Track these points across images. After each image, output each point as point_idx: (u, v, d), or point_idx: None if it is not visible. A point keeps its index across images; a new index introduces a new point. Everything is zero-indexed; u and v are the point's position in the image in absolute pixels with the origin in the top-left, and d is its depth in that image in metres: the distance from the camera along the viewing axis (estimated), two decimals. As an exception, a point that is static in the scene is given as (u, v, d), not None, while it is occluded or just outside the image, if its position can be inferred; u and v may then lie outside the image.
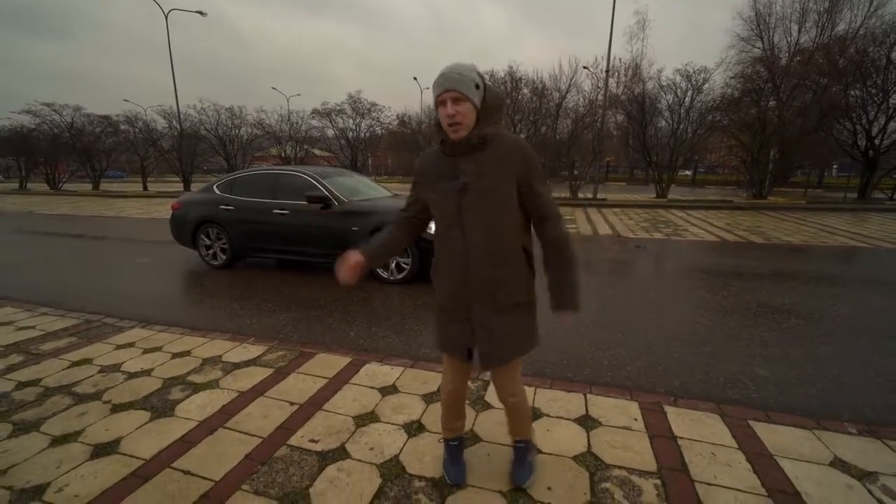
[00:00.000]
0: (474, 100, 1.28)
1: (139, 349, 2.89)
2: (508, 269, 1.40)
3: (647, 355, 2.81)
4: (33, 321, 3.42)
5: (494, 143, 1.32)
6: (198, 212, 5.22)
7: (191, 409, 2.16)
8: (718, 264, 5.57)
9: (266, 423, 2.03)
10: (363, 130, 17.03)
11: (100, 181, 20.64)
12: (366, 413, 2.13)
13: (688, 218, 10.38)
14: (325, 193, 4.69)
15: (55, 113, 18.94)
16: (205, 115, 17.45)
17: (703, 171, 35.46)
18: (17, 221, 10.37)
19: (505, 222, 1.37)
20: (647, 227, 8.96)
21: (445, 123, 1.29)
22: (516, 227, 1.39)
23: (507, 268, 1.40)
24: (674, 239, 7.54)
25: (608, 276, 5.04)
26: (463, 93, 1.25)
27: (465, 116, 1.28)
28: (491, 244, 1.37)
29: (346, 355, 2.77)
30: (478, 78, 1.29)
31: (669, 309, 3.78)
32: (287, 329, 3.31)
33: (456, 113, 1.26)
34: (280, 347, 2.91)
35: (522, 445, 1.70)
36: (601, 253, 6.43)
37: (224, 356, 2.78)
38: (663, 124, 14.86)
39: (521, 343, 1.48)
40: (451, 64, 1.29)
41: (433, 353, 2.85)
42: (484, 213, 1.35)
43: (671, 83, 13.79)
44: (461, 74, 1.26)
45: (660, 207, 12.76)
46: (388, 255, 1.69)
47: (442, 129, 1.33)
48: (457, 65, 1.29)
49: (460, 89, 1.25)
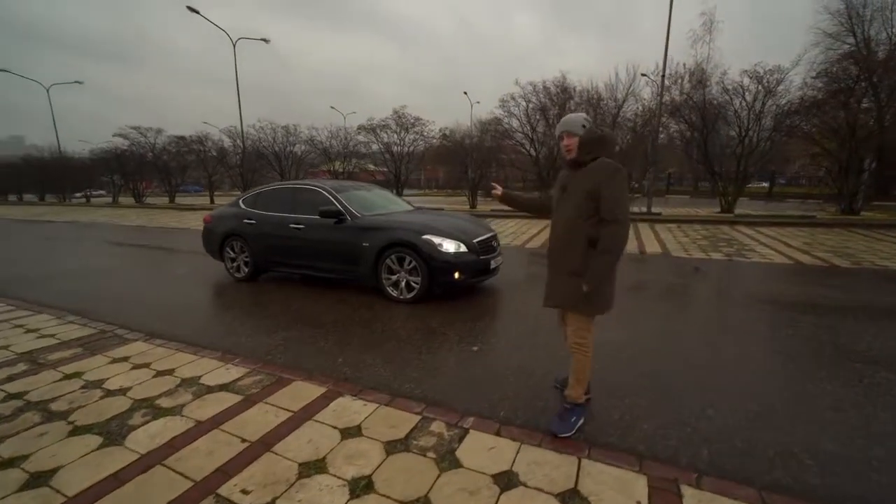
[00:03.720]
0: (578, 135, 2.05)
1: (130, 364, 2.89)
2: (568, 245, 2.06)
3: (674, 409, 2.28)
4: (57, 329, 3.60)
5: (592, 165, 1.99)
6: (224, 225, 5.38)
7: (141, 438, 2.03)
8: (788, 293, 4.69)
9: (206, 463, 1.84)
10: (407, 145, 17.30)
11: (175, 195, 22.90)
12: (315, 460, 1.87)
13: (756, 236, 9.14)
14: (339, 208, 4.61)
15: (141, 135, 21.41)
16: (263, 134, 18.76)
17: (782, 183, 31.82)
18: (95, 231, 11.62)
19: (575, 216, 2.02)
20: (704, 245, 7.98)
21: (564, 151, 2.12)
22: (583, 221, 2.00)
23: (567, 245, 2.06)
24: (735, 260, 6.59)
25: (643, 303, 4.40)
26: (573, 131, 2.06)
27: (571, 147, 2.07)
28: (561, 228, 2.11)
29: (323, 385, 2.55)
30: (584, 122, 2.07)
31: (713, 348, 3.15)
32: (278, 350, 3.18)
33: (570, 144, 2.07)
34: (261, 371, 2.76)
35: (567, 406, 2.15)
36: (642, 275, 5.73)
37: (203, 377, 2.68)
38: (731, 133, 13.45)
39: (568, 297, 2.07)
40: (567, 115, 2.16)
41: (417, 388, 2.56)
42: (565, 209, 2.09)
43: (738, 86, 12.44)
44: (572, 121, 2.08)
45: (723, 223, 11.43)
46: (517, 203, 2.60)
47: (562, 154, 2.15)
48: (569, 115, 2.14)
49: (571, 129, 2.06)
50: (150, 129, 21.62)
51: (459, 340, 3.33)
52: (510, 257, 5.88)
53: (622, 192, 1.94)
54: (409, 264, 4.23)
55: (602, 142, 2.01)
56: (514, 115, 16.20)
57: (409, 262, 4.23)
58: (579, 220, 2.01)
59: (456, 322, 3.74)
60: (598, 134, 2.04)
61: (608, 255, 1.95)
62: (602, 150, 2.00)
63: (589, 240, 2.00)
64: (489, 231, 4.80)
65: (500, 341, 3.34)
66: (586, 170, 2.01)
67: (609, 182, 1.93)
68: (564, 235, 2.08)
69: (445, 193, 30.48)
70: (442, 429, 2.10)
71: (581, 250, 2.02)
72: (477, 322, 3.75)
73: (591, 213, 1.98)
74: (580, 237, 2.01)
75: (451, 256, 4.14)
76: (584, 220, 2.00)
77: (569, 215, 2.06)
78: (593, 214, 1.98)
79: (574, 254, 2.03)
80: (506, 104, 16.20)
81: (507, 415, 2.25)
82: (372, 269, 4.39)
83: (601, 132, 2.06)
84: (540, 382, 2.61)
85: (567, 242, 2.07)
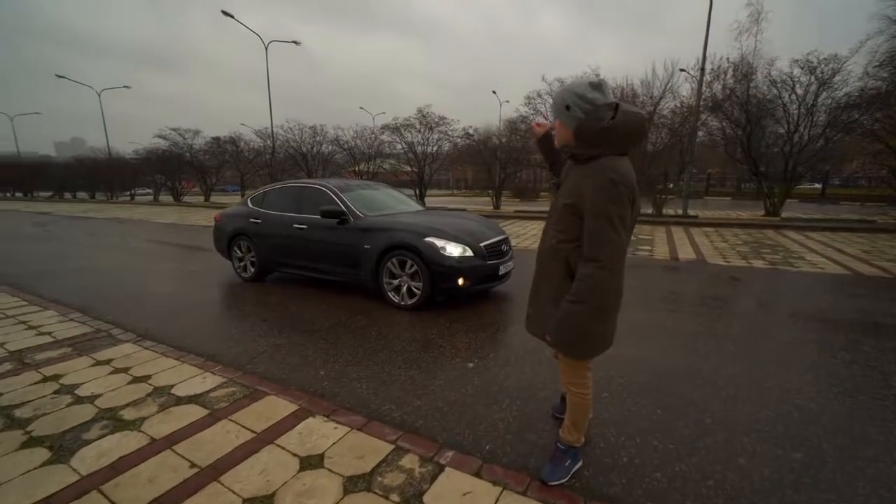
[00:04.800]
0: (563, 119, 1.50)
1: (110, 368, 2.79)
2: (547, 268, 1.63)
3: (696, 455, 1.90)
4: (56, 327, 3.59)
5: (591, 164, 1.44)
6: (233, 224, 5.33)
7: (89, 456, 1.88)
8: (843, 308, 4.09)
9: (144, 493, 1.65)
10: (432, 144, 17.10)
11: (210, 194, 23.79)
12: (263, 496, 1.64)
13: (805, 242, 8.28)
14: (341, 208, 4.42)
15: (180, 136, 22.37)
16: (291, 134, 19.09)
17: (837, 184, 29.31)
18: (128, 228, 12.11)
19: (558, 231, 1.55)
20: (745, 252, 7.28)
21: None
22: (564, 241, 1.52)
23: (545, 267, 1.64)
24: (780, 269, 5.92)
25: (669, 317, 3.93)
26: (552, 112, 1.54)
27: (558, 131, 1.56)
28: (547, 241, 1.63)
29: (296, 401, 2.33)
30: (570, 100, 1.45)
31: (750, 378, 2.70)
32: (261, 358, 3.00)
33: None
34: (237, 381, 2.58)
35: (562, 447, 1.77)
36: (672, 284, 5.22)
37: (176, 387, 2.52)
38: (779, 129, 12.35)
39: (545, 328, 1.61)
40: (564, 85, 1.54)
41: (397, 410, 2.29)
42: (553, 215, 1.60)
43: (787, 78, 11.40)
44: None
45: (768, 227, 10.50)
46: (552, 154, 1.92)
47: None
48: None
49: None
50: (188, 131, 22.58)
51: (455, 355, 3.03)
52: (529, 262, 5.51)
53: (612, 220, 1.36)
54: (411, 268, 3.97)
55: (608, 135, 1.40)
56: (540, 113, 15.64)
57: (410, 266, 3.97)
58: (558, 237, 1.55)
59: (456, 333, 3.45)
60: (604, 124, 1.39)
61: (576, 306, 1.45)
62: (611, 146, 1.42)
63: (568, 267, 1.53)
64: (500, 234, 4.47)
65: (500, 357, 3.02)
66: (581, 170, 1.48)
67: (596, 200, 1.37)
68: (546, 251, 1.64)
69: (473, 194, 30.14)
70: (414, 463, 1.83)
71: (557, 278, 1.57)
72: (479, 333, 3.45)
73: (574, 234, 1.48)
74: (559, 260, 1.56)
75: (455, 261, 3.85)
76: (565, 241, 1.51)
77: (552, 226, 1.60)
78: (577, 236, 1.47)
79: (552, 278, 1.61)
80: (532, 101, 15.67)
81: (493, 449, 1.95)
82: (373, 272, 4.17)
83: (610, 121, 1.39)
84: (538, 409, 2.28)
85: (545, 261, 1.64)
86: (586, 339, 1.56)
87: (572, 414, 1.76)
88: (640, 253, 7.27)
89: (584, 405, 1.72)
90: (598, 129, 1.41)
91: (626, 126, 1.42)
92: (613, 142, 1.43)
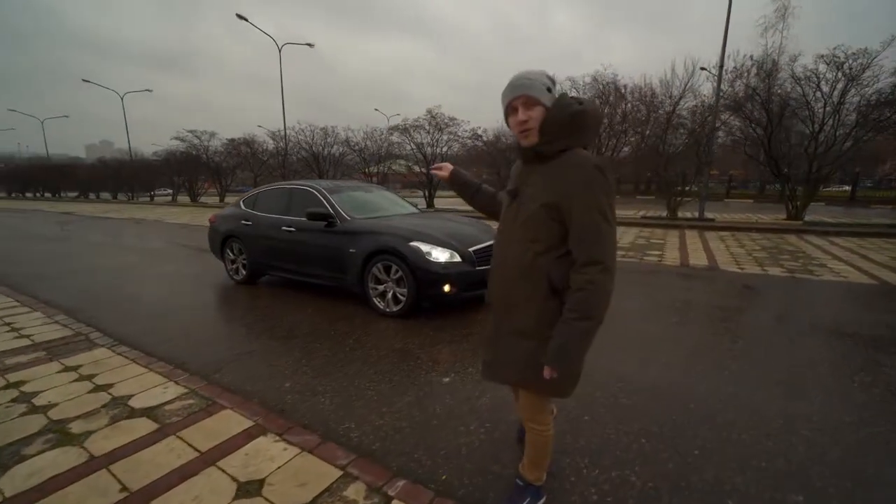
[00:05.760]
0: (547, 103, 1.26)
1: (76, 375, 2.71)
2: (517, 292, 1.35)
3: (673, 495, 1.68)
4: (38, 329, 3.56)
5: (563, 159, 1.25)
6: (225, 226, 5.28)
7: (19, 475, 1.77)
8: (864, 323, 3.74)
9: (63, 520, 1.53)
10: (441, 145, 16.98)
11: (225, 194, 24.22)
12: (186, 529, 1.50)
13: (829, 248, 7.79)
14: (327, 210, 4.30)
15: (196, 138, 22.85)
16: (302, 136, 19.27)
17: (868, 186, 27.89)
18: (141, 228, 12.34)
19: (526, 242, 1.31)
20: (762, 258, 6.88)
21: (517, 131, 1.31)
22: (541, 253, 1.29)
23: (516, 290, 1.36)
24: (798, 277, 5.53)
25: (667, 329, 3.66)
26: (534, 96, 1.25)
27: (537, 121, 1.26)
28: (508, 258, 1.37)
29: (253, 417, 2.20)
30: (549, 82, 1.27)
31: (752, 400, 2.44)
32: (230, 367, 2.89)
33: (528, 118, 1.26)
34: (199, 393, 2.46)
35: (521, 484, 1.60)
36: (677, 292, 4.92)
37: (135, 397, 2.43)
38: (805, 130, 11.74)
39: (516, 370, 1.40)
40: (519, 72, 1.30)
41: (356, 430, 2.14)
42: (512, 229, 1.36)
43: (811, 74, 10.82)
44: (530, 79, 1.26)
45: (789, 232, 9.96)
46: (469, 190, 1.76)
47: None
48: (525, 71, 1.29)
49: (530, 93, 1.25)
50: (204, 133, 23.05)
51: (432, 368, 2.86)
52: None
53: (606, 212, 1.19)
54: (396, 274, 3.82)
55: (579, 122, 1.24)
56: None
57: (395, 272, 3.82)
58: (533, 249, 1.29)
59: (438, 343, 3.28)
60: (574, 109, 1.23)
61: (583, 323, 1.20)
62: (578, 136, 1.26)
63: (551, 283, 1.28)
64: (492, 238, 4.26)
65: (479, 372, 2.82)
66: (549, 168, 1.27)
67: (585, 195, 1.19)
68: (512, 272, 1.36)
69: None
70: (360, 494, 1.66)
71: (538, 300, 1.30)
72: (461, 344, 3.27)
73: (554, 242, 1.26)
74: (537, 278, 1.29)
75: (441, 266, 3.68)
76: (543, 252, 1.28)
77: (518, 239, 1.33)
78: (557, 244, 1.26)
79: (526, 304, 1.33)
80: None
81: (450, 480, 1.77)
82: (358, 277, 4.03)
83: (579, 106, 1.24)
84: (506, 434, 2.09)
85: (514, 283, 1.35)
86: (579, 367, 1.36)
87: (533, 452, 1.56)
88: (648, 258, 6.95)
89: (546, 442, 1.53)
90: (569, 117, 1.24)
91: (593, 114, 1.29)
92: (582, 132, 1.27)
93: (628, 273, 5.90)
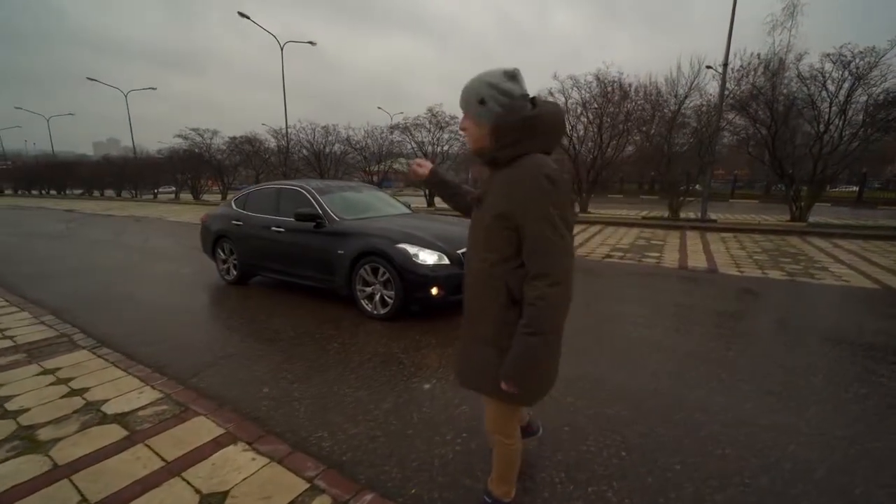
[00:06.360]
0: (476, 117, 1.24)
1: (53, 378, 2.68)
2: (478, 301, 1.33)
3: (653, 512, 1.61)
4: (23, 330, 3.54)
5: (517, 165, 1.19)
6: (216, 226, 5.25)
7: (-21, 484, 1.74)
8: (864, 330, 3.64)
9: (16, 533, 1.49)
10: (442, 144, 16.89)
11: (227, 192, 24.26)
12: (140, 544, 1.45)
13: (832, 250, 7.65)
14: (315, 211, 4.25)
15: (199, 136, 22.89)
16: (304, 134, 19.23)
17: (877, 187, 27.48)
18: (141, 226, 12.36)
19: (484, 251, 1.28)
20: (762, 260, 6.76)
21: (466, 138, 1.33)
22: (498, 263, 1.24)
23: (477, 299, 1.34)
24: (798, 281, 5.42)
25: (655, 335, 3.57)
26: (463, 109, 1.27)
27: (468, 132, 1.29)
28: (474, 267, 1.34)
29: (226, 423, 2.15)
30: (485, 92, 1.20)
31: (738, 411, 2.36)
32: (208, 371, 2.85)
33: (465, 128, 1.30)
34: (173, 398, 2.42)
35: (488, 501, 1.55)
36: (672, 295, 4.82)
37: (109, 402, 2.39)
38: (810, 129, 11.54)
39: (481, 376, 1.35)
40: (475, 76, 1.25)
41: (329, 439, 2.08)
42: (476, 236, 1.34)
43: (817, 73, 10.62)
44: (465, 91, 1.25)
45: (792, 234, 9.81)
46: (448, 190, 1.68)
47: None
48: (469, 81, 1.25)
49: (462, 106, 1.27)
50: (206, 131, 23.08)
51: (415, 373, 2.80)
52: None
53: (554, 222, 1.13)
54: (383, 276, 3.76)
55: (531, 127, 1.18)
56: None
57: (383, 274, 3.77)
58: (489, 259, 1.25)
59: (423, 348, 3.22)
60: (526, 113, 1.17)
61: (535, 338, 1.17)
62: (532, 142, 1.19)
63: (510, 293, 1.23)
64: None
65: (464, 377, 2.77)
66: (503, 175, 1.22)
67: (532, 204, 1.13)
68: (474, 280, 1.34)
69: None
70: (324, 509, 1.61)
71: (495, 309, 1.26)
72: (447, 349, 3.21)
73: (510, 253, 1.21)
74: (496, 287, 1.25)
75: (429, 269, 3.62)
76: (501, 262, 1.23)
77: (480, 247, 1.30)
78: (513, 255, 1.21)
79: (486, 312, 1.30)
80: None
81: (419, 493, 1.71)
82: (346, 279, 3.98)
83: (531, 110, 1.18)
84: (482, 445, 2.03)
85: (475, 291, 1.33)
86: (542, 378, 1.35)
87: (500, 466, 1.51)
88: (647, 260, 6.85)
89: (513, 455, 1.48)
90: (520, 121, 1.17)
91: (549, 117, 1.21)
92: (537, 136, 1.20)
93: (625, 275, 5.81)
